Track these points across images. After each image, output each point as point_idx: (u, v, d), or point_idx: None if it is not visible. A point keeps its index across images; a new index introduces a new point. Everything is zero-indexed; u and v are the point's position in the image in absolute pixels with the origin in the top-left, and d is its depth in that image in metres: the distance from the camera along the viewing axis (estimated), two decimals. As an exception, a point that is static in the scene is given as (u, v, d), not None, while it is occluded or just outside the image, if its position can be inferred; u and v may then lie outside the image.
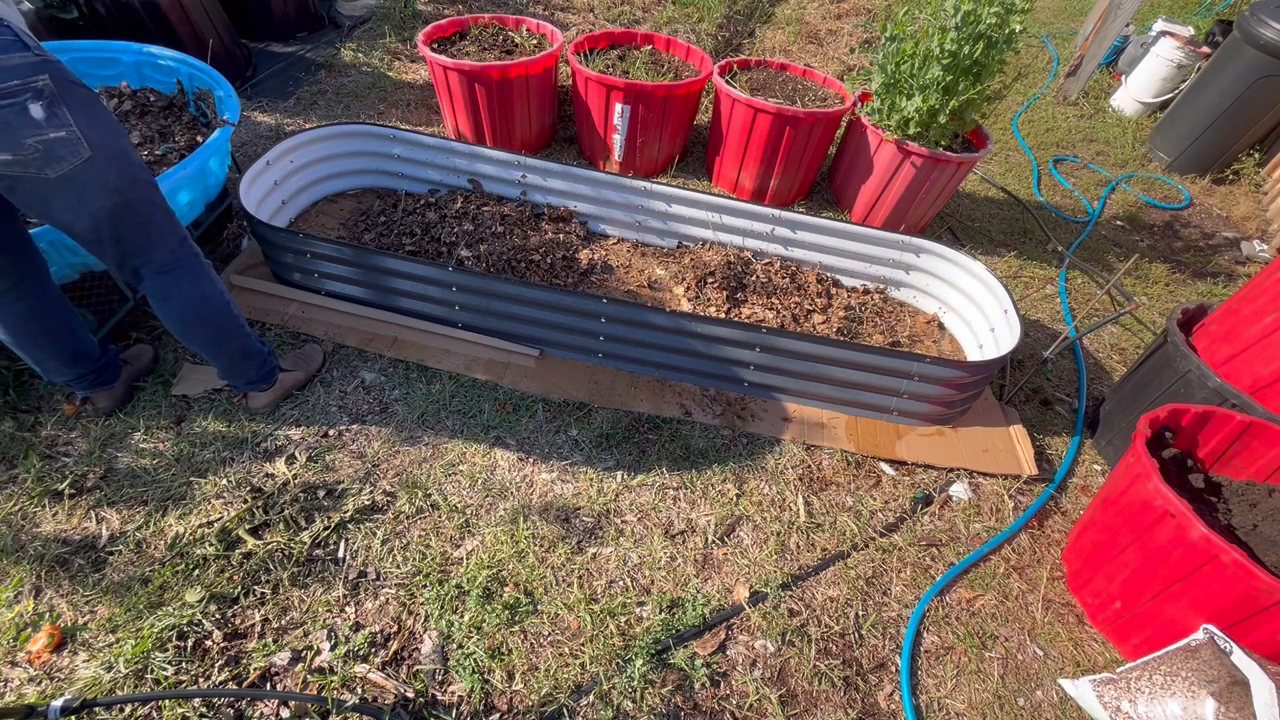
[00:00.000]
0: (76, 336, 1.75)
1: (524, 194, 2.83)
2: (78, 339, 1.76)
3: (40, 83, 1.27)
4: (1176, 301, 2.95)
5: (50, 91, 1.28)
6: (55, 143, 1.31)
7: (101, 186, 1.41)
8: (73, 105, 1.32)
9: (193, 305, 1.68)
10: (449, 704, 1.47)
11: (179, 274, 1.63)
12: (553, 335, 2.23)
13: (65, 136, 1.32)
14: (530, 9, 4.75)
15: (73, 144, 1.33)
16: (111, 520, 1.71)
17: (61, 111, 1.30)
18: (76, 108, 1.33)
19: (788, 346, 2.10)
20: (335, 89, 3.62)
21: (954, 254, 2.51)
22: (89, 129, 1.35)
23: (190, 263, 1.65)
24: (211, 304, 1.71)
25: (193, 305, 1.68)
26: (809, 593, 1.78)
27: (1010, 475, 2.14)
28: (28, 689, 1.40)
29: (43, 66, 1.27)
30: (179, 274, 1.63)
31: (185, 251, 1.63)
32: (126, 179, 1.45)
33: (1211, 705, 1.35)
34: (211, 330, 1.75)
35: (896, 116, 2.75)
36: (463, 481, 1.91)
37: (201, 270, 1.68)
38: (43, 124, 1.29)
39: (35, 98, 1.26)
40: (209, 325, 1.74)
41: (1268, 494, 1.73)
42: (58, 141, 1.31)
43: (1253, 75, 3.53)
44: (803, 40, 4.76)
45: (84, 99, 1.36)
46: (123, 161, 1.44)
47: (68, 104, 1.31)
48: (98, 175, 1.39)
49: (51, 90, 1.28)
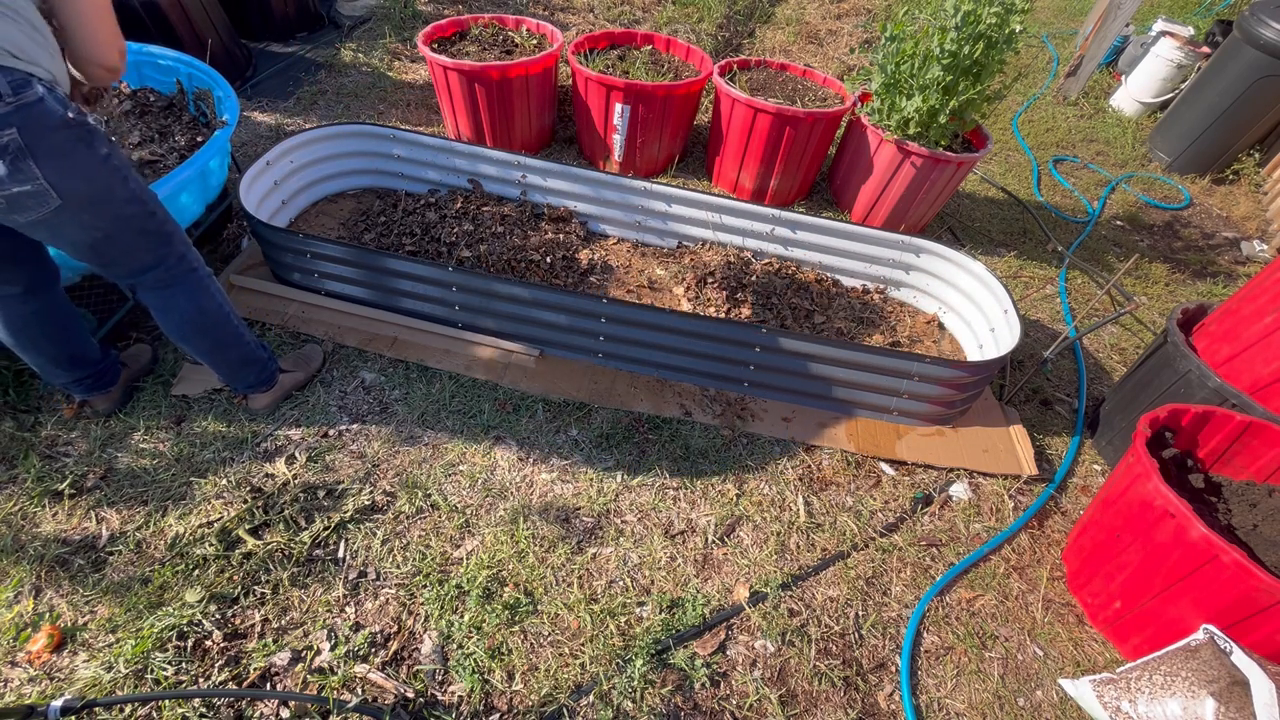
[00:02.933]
0: (78, 341, 1.75)
1: (524, 194, 2.83)
2: (79, 343, 1.76)
3: (5, 139, 1.19)
4: (1176, 301, 2.95)
5: (15, 147, 1.20)
6: (19, 195, 1.26)
7: (77, 226, 1.39)
8: (42, 156, 1.25)
9: (189, 318, 1.68)
10: (449, 704, 1.47)
11: (175, 290, 1.62)
12: (553, 335, 2.23)
13: (30, 190, 1.26)
14: (530, 9, 4.75)
15: (39, 195, 1.28)
16: (111, 520, 1.71)
17: (27, 166, 1.23)
18: (47, 158, 1.26)
19: (788, 346, 2.10)
20: (335, 89, 3.62)
21: (954, 254, 2.51)
22: (60, 179, 1.29)
23: (186, 279, 1.63)
24: (208, 317, 1.70)
25: (189, 318, 1.68)
26: (809, 593, 1.78)
27: (1010, 475, 2.14)
28: (28, 689, 1.40)
29: (13, 118, 1.19)
30: (175, 290, 1.62)
31: (181, 268, 1.61)
32: (106, 217, 1.41)
33: (1211, 705, 1.35)
34: (209, 341, 1.75)
35: (896, 116, 2.75)
36: (463, 481, 1.91)
37: (199, 285, 1.66)
38: (5, 179, 1.23)
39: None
40: (206, 337, 1.74)
41: (1268, 494, 1.73)
42: (22, 194, 1.26)
43: (1253, 75, 3.53)
44: (803, 40, 4.76)
45: (61, 144, 1.28)
46: (100, 204, 1.39)
47: (36, 156, 1.24)
48: (71, 218, 1.36)
49: (17, 145, 1.21)
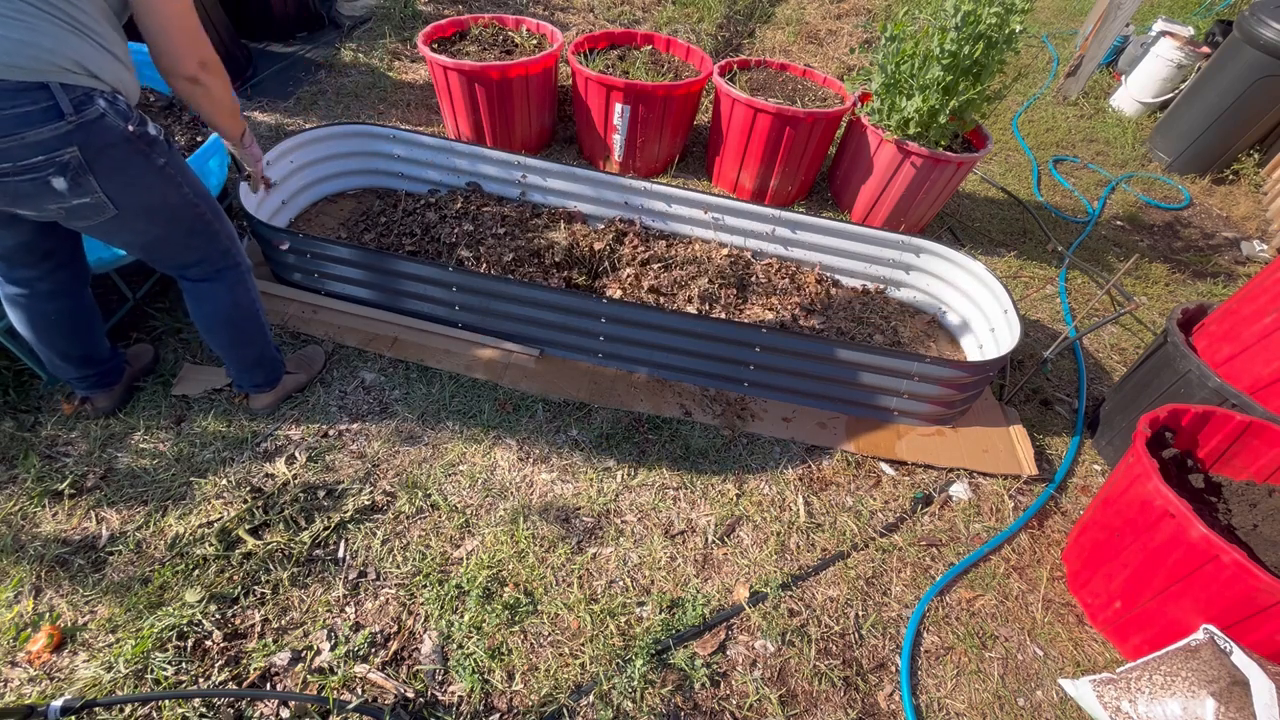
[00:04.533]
0: (94, 339, 1.78)
1: (524, 194, 2.83)
2: (94, 342, 1.78)
3: (66, 156, 1.22)
4: (1176, 301, 2.95)
5: (76, 164, 1.24)
6: (78, 207, 1.31)
7: (131, 232, 1.45)
8: (102, 172, 1.29)
9: (223, 311, 1.71)
10: (449, 704, 1.47)
11: (216, 283, 1.66)
12: (553, 335, 2.23)
13: (89, 202, 1.31)
14: (530, 9, 4.75)
15: (98, 207, 1.33)
16: (111, 520, 1.71)
17: (87, 181, 1.27)
18: (106, 174, 1.29)
19: (788, 346, 2.10)
20: (335, 89, 3.62)
21: (954, 254, 2.51)
22: (117, 193, 1.33)
23: (230, 274, 1.68)
24: (241, 312, 1.74)
25: (223, 311, 1.71)
26: (809, 593, 1.78)
27: (1010, 475, 2.14)
28: (28, 689, 1.40)
29: (74, 136, 1.22)
30: (216, 283, 1.66)
31: (227, 264, 1.66)
32: (160, 223, 1.47)
33: (1211, 705, 1.35)
34: (234, 334, 1.78)
35: (896, 116, 2.75)
36: (463, 481, 1.91)
37: (239, 280, 1.70)
38: (65, 194, 1.27)
39: (58, 172, 1.23)
40: (233, 330, 1.76)
41: (1268, 494, 1.73)
42: (81, 206, 1.31)
43: (1253, 75, 3.53)
44: (803, 40, 4.76)
45: (120, 159, 1.30)
46: (155, 212, 1.44)
47: (96, 172, 1.28)
48: (126, 225, 1.41)
49: (78, 162, 1.24)
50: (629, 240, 2.67)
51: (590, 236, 2.63)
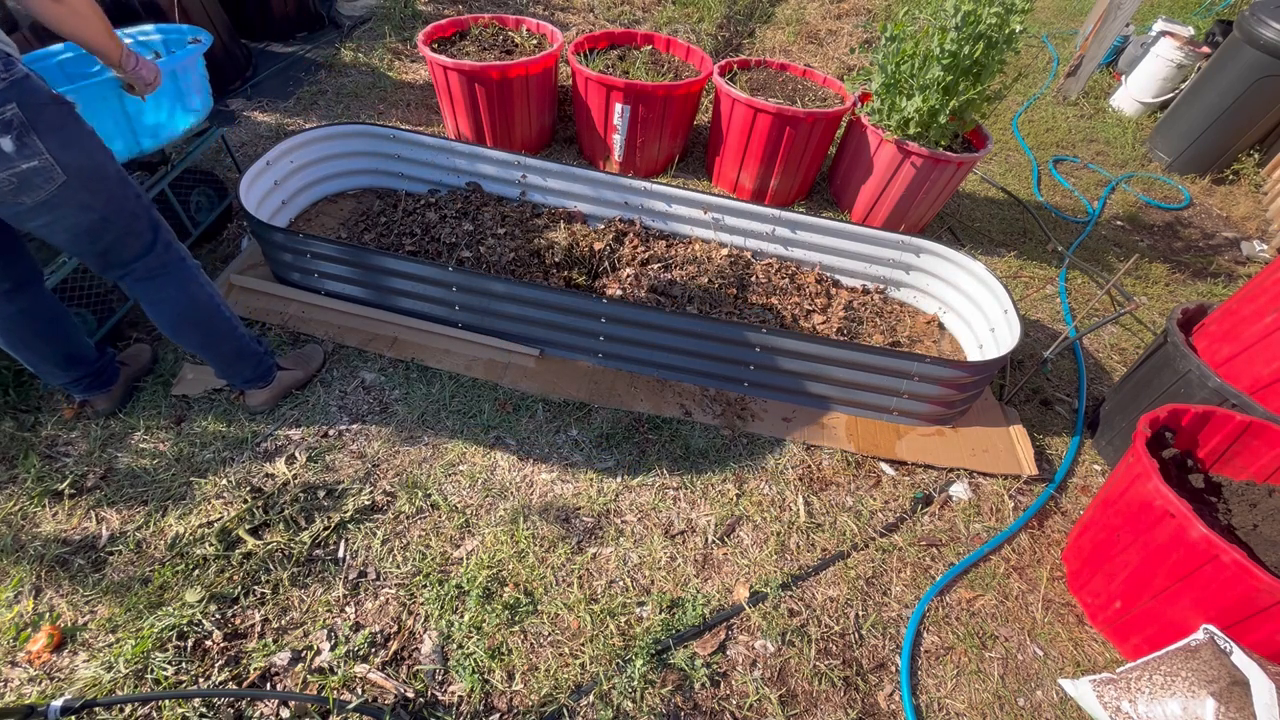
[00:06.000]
0: (71, 340, 1.74)
1: (524, 194, 2.83)
2: (72, 342, 1.75)
3: (9, 113, 1.21)
4: (1176, 301, 2.95)
5: (19, 121, 1.22)
6: (29, 173, 1.28)
7: (78, 206, 1.40)
8: (44, 130, 1.27)
9: (181, 309, 1.68)
10: (449, 704, 1.47)
11: (165, 279, 1.62)
12: (553, 335, 2.23)
13: (38, 165, 1.28)
14: (530, 9, 4.75)
15: (46, 171, 1.30)
16: (111, 520, 1.71)
17: (32, 140, 1.25)
18: (48, 131, 1.28)
19: (788, 346, 2.10)
20: (335, 89, 3.62)
21: (954, 254, 2.51)
22: (61, 152, 1.31)
23: (176, 268, 1.63)
24: (200, 307, 1.70)
25: (181, 309, 1.68)
26: (809, 593, 1.78)
27: (1010, 475, 2.14)
28: (28, 689, 1.40)
29: (10, 93, 1.20)
30: (165, 279, 1.62)
31: (170, 257, 1.62)
32: (103, 195, 1.43)
33: (1211, 705, 1.35)
34: (202, 333, 1.74)
35: (896, 116, 2.75)
36: (463, 481, 1.91)
37: (188, 274, 1.66)
38: (14, 156, 1.24)
39: (4, 130, 1.21)
40: (199, 327, 1.73)
41: (1268, 494, 1.73)
42: (31, 171, 1.28)
43: (1253, 75, 3.53)
44: (803, 40, 4.76)
45: (56, 119, 1.30)
46: (99, 180, 1.41)
47: (38, 130, 1.26)
48: (73, 196, 1.37)
49: (20, 120, 1.23)
50: (629, 240, 2.67)
51: (590, 236, 2.64)
